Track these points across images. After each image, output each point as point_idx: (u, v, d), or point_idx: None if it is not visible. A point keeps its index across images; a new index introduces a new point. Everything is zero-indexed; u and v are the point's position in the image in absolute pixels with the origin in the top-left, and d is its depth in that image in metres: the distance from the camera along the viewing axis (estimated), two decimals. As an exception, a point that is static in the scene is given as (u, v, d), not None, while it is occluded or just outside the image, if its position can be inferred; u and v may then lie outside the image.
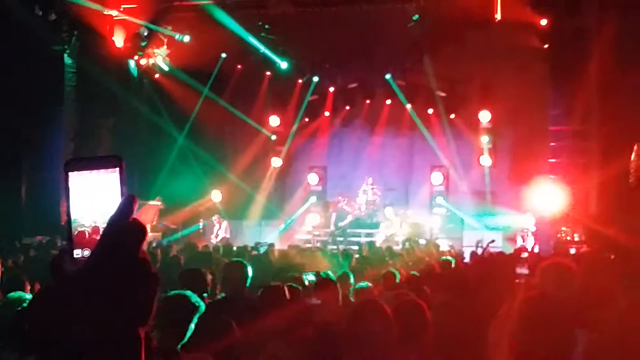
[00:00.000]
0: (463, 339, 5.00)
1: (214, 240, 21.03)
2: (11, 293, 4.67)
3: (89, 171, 1.19)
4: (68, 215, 1.16)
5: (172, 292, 4.65)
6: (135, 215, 1.11)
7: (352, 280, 7.38)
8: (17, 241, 13.58)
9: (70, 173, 1.18)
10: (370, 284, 6.57)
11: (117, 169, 1.21)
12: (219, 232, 21.95)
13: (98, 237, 1.11)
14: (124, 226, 1.09)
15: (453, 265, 10.38)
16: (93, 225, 1.16)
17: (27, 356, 3.94)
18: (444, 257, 12.42)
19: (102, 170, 1.20)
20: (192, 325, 4.40)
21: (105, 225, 1.11)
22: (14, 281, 6.16)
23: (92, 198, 1.17)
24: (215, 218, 22.39)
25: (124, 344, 1.05)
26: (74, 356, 1.05)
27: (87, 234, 1.15)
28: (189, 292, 4.69)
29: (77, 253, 1.15)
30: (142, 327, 1.07)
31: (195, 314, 4.49)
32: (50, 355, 1.06)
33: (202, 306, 4.64)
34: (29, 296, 4.61)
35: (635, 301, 4.56)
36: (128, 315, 1.05)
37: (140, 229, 1.11)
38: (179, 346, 4.24)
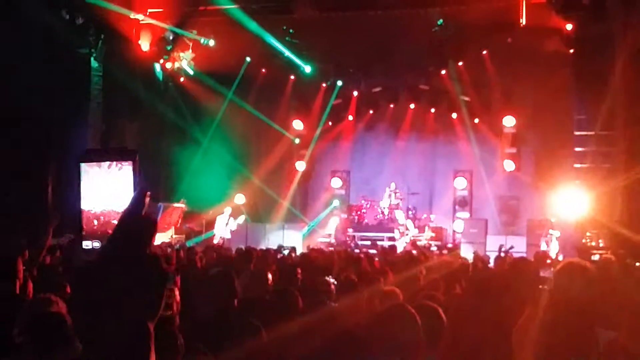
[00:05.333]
0: (484, 344, 5.01)
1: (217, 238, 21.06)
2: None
3: (103, 162, 1.21)
4: (78, 206, 1.18)
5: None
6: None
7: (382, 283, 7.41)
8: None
9: (83, 164, 1.19)
10: (395, 288, 6.58)
11: (131, 162, 1.22)
12: (224, 229, 21.58)
13: (108, 230, 1.14)
14: (135, 221, 1.12)
15: (470, 270, 10.34)
16: (103, 215, 1.18)
17: (42, 356, 4.01)
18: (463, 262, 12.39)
19: (116, 163, 1.21)
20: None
21: (117, 219, 1.13)
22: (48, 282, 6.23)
23: (105, 190, 1.19)
24: (227, 213, 21.93)
25: (133, 337, 1.09)
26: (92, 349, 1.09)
27: (96, 225, 1.18)
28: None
29: (87, 245, 1.16)
30: (151, 322, 1.10)
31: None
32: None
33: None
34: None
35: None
36: (136, 310, 1.09)
37: (151, 225, 1.13)
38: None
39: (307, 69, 24.00)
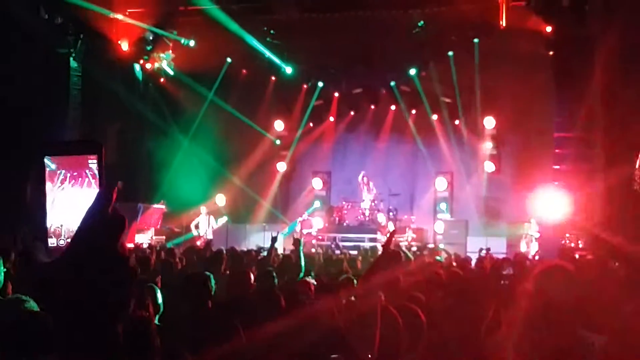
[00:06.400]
0: (464, 344, 5.01)
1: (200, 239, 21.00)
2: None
3: (66, 156, 1.12)
4: (43, 201, 1.10)
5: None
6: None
7: (355, 284, 7.38)
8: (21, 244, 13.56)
9: (46, 157, 1.11)
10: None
11: (96, 155, 1.14)
12: (199, 230, 21.58)
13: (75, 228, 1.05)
14: (102, 218, 1.04)
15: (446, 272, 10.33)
16: (68, 214, 1.10)
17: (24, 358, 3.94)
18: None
19: (80, 156, 1.13)
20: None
21: (82, 215, 1.04)
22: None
23: (69, 186, 1.11)
24: (204, 213, 21.93)
25: (100, 336, 1.03)
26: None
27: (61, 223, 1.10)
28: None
29: (52, 242, 1.09)
30: (119, 321, 1.04)
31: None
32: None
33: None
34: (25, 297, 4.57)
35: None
36: (104, 309, 1.03)
37: (119, 222, 1.06)
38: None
39: (288, 69, 23.99)
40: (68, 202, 1.10)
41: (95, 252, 1.03)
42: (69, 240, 1.09)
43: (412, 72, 23.54)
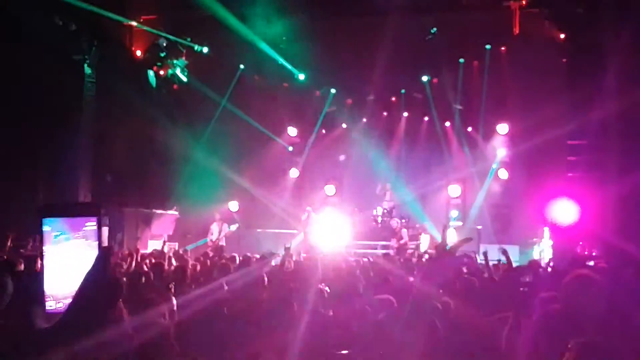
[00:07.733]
0: (480, 352, 5.00)
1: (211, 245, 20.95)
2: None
3: (65, 218, 1.12)
4: (41, 265, 1.10)
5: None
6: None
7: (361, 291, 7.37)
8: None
9: (45, 219, 1.11)
10: (389, 296, 6.55)
11: (95, 218, 1.13)
12: (212, 236, 21.49)
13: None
14: (99, 285, 1.03)
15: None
16: (66, 280, 1.09)
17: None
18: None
19: (79, 218, 1.12)
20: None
21: (79, 279, 1.04)
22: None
23: (67, 249, 1.10)
24: (217, 220, 21.85)
25: None
26: None
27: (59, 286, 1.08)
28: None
29: (50, 305, 1.09)
30: None
31: None
32: None
33: None
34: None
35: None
36: None
37: (115, 288, 1.05)
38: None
39: (301, 76, 24.03)
40: (64, 261, 1.10)
41: (93, 319, 1.03)
42: (66, 302, 1.08)
43: (424, 78, 23.59)
